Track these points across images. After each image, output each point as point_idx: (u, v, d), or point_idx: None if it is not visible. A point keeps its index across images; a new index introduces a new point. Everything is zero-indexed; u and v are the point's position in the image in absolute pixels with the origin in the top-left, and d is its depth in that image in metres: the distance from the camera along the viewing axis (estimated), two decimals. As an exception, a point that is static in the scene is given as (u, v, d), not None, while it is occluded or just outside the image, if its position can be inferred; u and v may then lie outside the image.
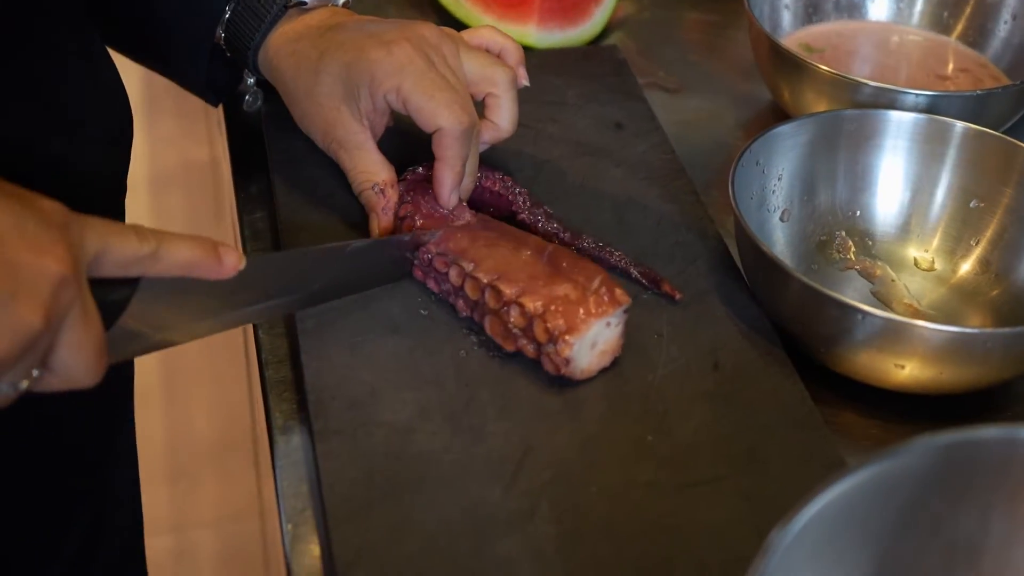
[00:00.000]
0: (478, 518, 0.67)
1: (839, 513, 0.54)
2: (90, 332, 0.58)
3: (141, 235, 0.60)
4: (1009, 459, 0.55)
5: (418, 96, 0.78)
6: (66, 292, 0.55)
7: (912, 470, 0.55)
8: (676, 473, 0.70)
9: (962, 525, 0.58)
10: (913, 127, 0.85)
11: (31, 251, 0.54)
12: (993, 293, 0.83)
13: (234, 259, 0.63)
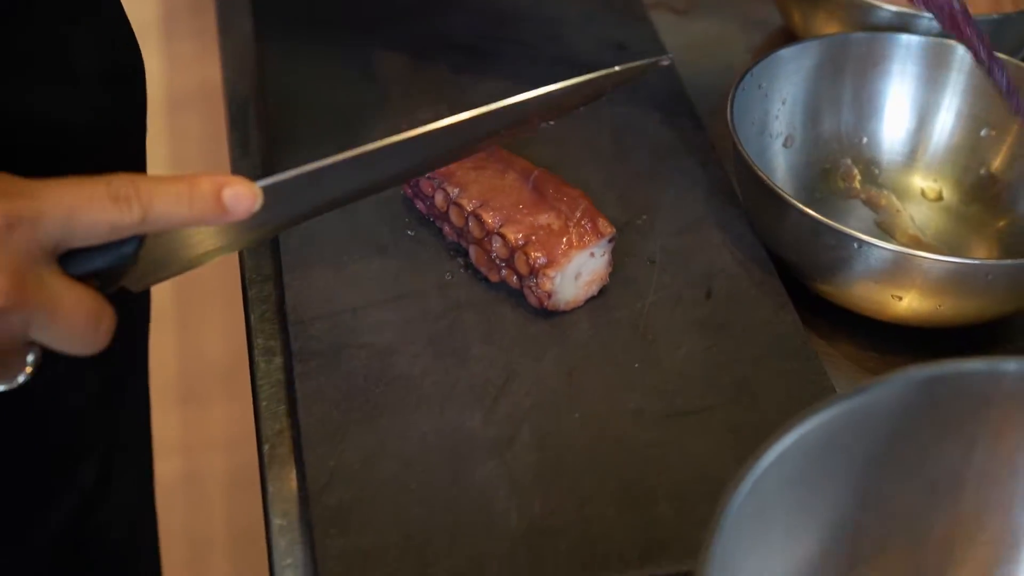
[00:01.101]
0: (457, 442, 0.65)
1: (821, 442, 0.52)
2: (64, 320, 0.53)
3: (120, 202, 0.52)
4: (992, 393, 0.53)
5: None
6: (7, 319, 0.51)
7: (896, 402, 0.53)
8: (663, 402, 0.68)
9: (945, 461, 0.56)
10: (922, 51, 0.82)
11: None
12: (1000, 224, 0.80)
13: (244, 204, 0.54)
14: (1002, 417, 0.54)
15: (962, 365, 0.53)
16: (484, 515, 0.62)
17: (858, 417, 0.53)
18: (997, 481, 0.56)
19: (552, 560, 0.60)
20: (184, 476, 2.06)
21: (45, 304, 0.51)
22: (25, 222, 0.50)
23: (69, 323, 0.52)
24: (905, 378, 0.53)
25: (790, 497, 0.53)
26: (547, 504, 0.63)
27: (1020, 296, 0.71)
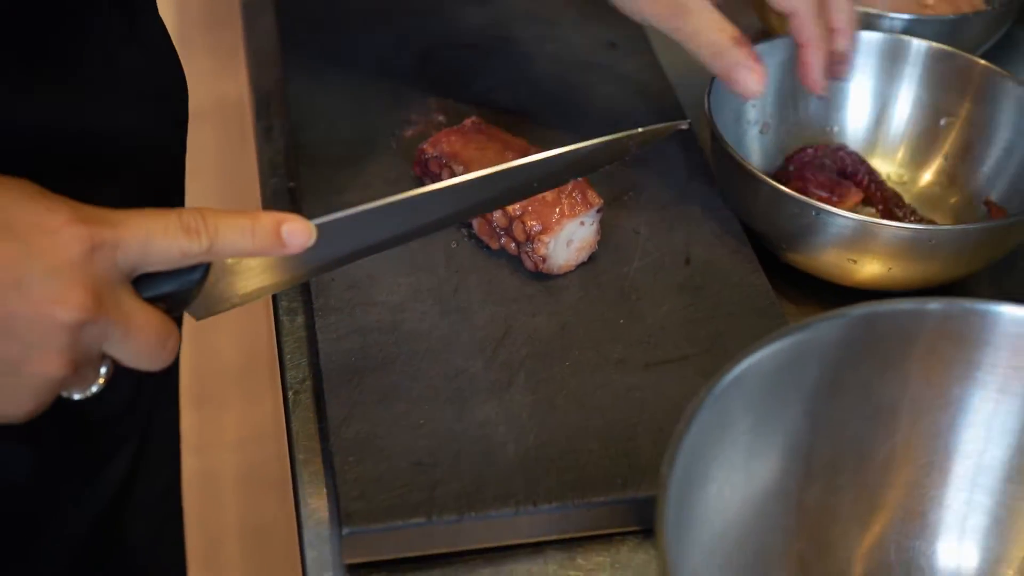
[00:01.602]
0: (460, 386, 0.73)
1: (773, 369, 0.60)
2: (137, 337, 0.58)
3: (191, 232, 0.58)
4: (920, 330, 0.61)
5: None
6: (88, 330, 0.56)
7: (837, 336, 0.61)
8: (644, 352, 0.76)
9: (886, 391, 0.64)
10: (879, 46, 0.90)
11: (35, 306, 0.54)
12: (952, 201, 0.88)
13: (300, 240, 0.60)
14: (931, 352, 0.63)
15: (892, 304, 0.62)
16: (484, 446, 0.70)
17: (804, 348, 0.61)
18: (931, 410, 0.65)
19: (544, 483, 0.68)
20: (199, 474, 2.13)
21: (120, 321, 0.57)
22: (107, 246, 0.56)
23: (140, 340, 0.58)
24: (844, 315, 0.61)
25: (750, 417, 0.61)
26: (540, 438, 0.71)
27: (963, 261, 0.79)
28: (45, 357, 0.55)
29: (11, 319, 0.54)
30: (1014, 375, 0.61)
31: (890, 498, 0.65)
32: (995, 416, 0.62)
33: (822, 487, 0.65)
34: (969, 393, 0.63)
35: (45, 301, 0.54)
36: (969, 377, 0.62)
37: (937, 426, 0.64)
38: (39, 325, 0.54)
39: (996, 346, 0.61)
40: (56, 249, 0.55)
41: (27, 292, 0.54)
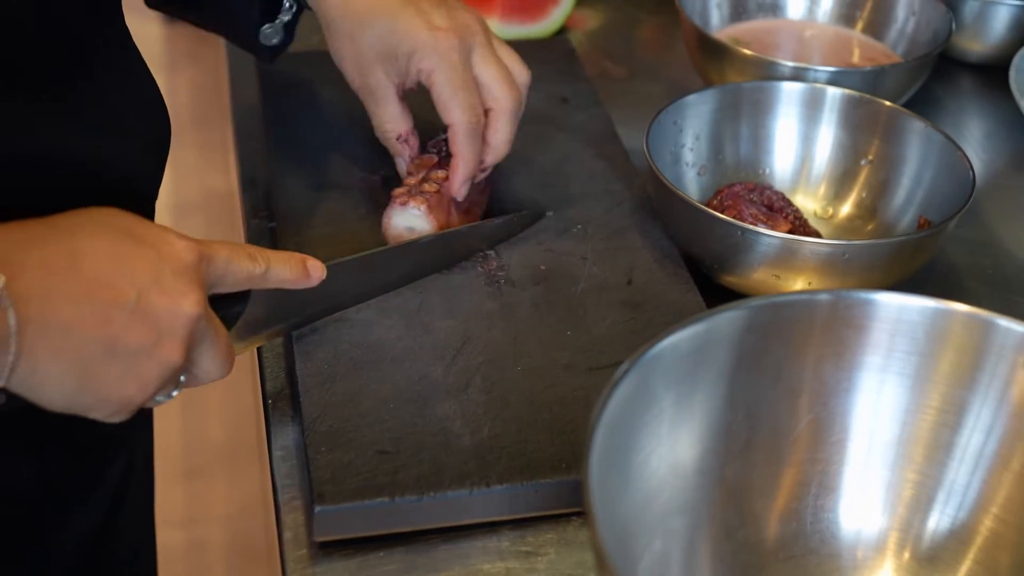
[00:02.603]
0: (422, 388, 0.82)
1: (691, 350, 0.69)
2: (220, 345, 0.70)
3: (253, 257, 0.73)
4: (815, 318, 0.70)
5: (442, 88, 0.89)
6: (199, 326, 0.67)
7: (746, 323, 0.70)
8: (589, 358, 0.85)
9: (798, 374, 0.72)
10: (801, 95, 1.01)
11: (167, 300, 0.65)
12: (869, 228, 0.98)
13: (319, 273, 0.78)
14: (827, 338, 0.71)
15: (788, 295, 0.71)
16: (442, 437, 0.78)
17: (716, 333, 0.69)
18: (838, 392, 0.73)
19: (496, 467, 0.76)
20: (187, 547, 2.18)
21: (214, 324, 0.69)
22: (205, 259, 0.69)
23: (220, 347, 0.70)
24: (747, 305, 0.70)
25: (671, 394, 0.69)
26: (493, 430, 0.79)
27: (877, 275, 0.88)
28: (171, 344, 0.65)
29: (151, 309, 0.64)
30: (895, 356, 0.70)
31: (803, 473, 0.73)
32: (881, 395, 0.71)
33: (742, 462, 0.72)
34: (861, 374, 0.71)
35: (176, 295, 0.65)
36: (859, 360, 0.70)
37: (842, 406, 0.72)
38: (170, 315, 0.65)
39: (878, 330, 0.69)
40: (179, 255, 0.66)
41: (163, 287, 0.65)
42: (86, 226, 0.65)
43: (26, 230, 0.64)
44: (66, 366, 0.63)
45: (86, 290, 0.62)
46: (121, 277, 0.64)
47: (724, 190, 0.97)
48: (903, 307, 0.69)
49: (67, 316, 0.62)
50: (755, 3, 1.22)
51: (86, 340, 0.62)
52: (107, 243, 0.64)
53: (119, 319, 0.63)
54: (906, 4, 1.17)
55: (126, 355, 0.64)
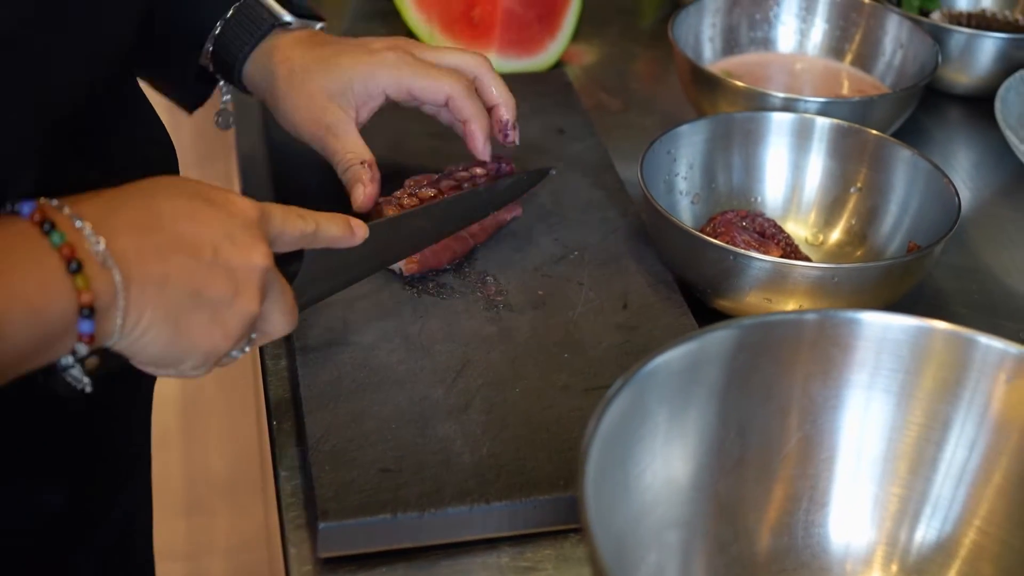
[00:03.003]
0: (424, 408, 0.84)
1: (683, 368, 0.71)
2: (286, 298, 0.75)
3: (304, 218, 0.77)
4: (803, 338, 0.72)
5: (420, 79, 0.95)
6: (269, 277, 0.72)
7: (736, 342, 0.72)
8: (585, 380, 0.87)
9: (788, 392, 0.74)
10: (791, 125, 1.03)
11: (241, 253, 0.69)
12: (858, 253, 1.00)
13: (361, 231, 0.82)
14: (815, 356, 0.73)
15: (777, 314, 0.73)
16: (443, 456, 0.80)
17: (708, 351, 0.72)
18: (826, 409, 0.75)
19: (495, 485, 0.79)
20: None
21: (279, 277, 0.73)
22: (265, 215, 0.73)
23: (287, 299, 0.75)
24: (737, 324, 0.72)
25: (665, 410, 0.71)
26: (492, 449, 0.81)
27: (866, 297, 0.90)
28: (248, 293, 0.70)
29: (229, 262, 0.69)
30: (881, 373, 0.72)
31: (794, 488, 0.75)
32: (868, 412, 0.73)
33: (734, 478, 0.75)
34: (849, 392, 0.73)
35: (247, 248, 0.70)
36: (847, 377, 0.73)
37: (831, 424, 0.75)
38: (245, 266, 0.69)
39: (864, 348, 0.72)
40: (243, 212, 0.71)
41: (236, 242, 0.69)
42: (161, 189, 0.70)
43: (108, 197, 0.67)
44: (163, 317, 0.66)
45: (172, 245, 0.67)
46: (199, 233, 0.68)
47: (717, 217, 0.99)
48: (887, 326, 0.71)
49: (159, 270, 0.66)
50: (747, 37, 1.25)
51: (177, 291, 0.67)
52: (182, 202, 0.69)
53: (202, 271, 0.68)
54: (894, 37, 1.20)
55: (211, 304, 0.68)
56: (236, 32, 0.97)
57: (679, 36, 1.18)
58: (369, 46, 0.97)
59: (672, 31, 1.16)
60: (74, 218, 0.64)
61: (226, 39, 0.98)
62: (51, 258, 0.62)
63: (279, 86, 0.97)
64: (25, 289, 0.61)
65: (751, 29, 1.25)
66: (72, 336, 0.63)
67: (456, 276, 0.96)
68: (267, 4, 0.98)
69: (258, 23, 0.97)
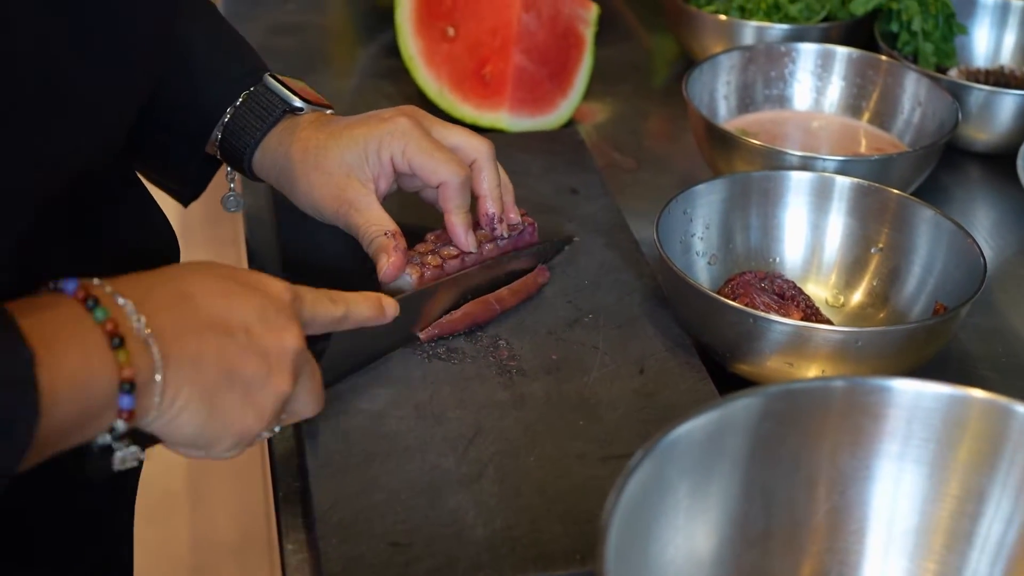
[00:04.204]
0: (434, 478, 0.81)
1: (706, 438, 0.68)
2: (315, 379, 0.75)
3: (334, 300, 0.78)
4: (830, 406, 0.70)
5: (421, 156, 0.93)
6: (301, 358, 0.72)
7: (761, 410, 0.69)
8: (602, 448, 0.84)
9: (816, 462, 0.72)
10: (810, 185, 1.01)
11: (275, 334, 0.70)
12: (880, 316, 0.97)
13: (392, 310, 0.83)
14: (844, 425, 0.70)
15: (803, 381, 0.70)
16: (455, 529, 0.77)
17: (731, 420, 0.69)
18: (856, 480, 0.72)
19: (510, 559, 0.75)
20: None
21: (310, 360, 0.74)
22: (298, 299, 0.74)
23: (316, 381, 0.75)
24: (762, 392, 0.70)
25: (687, 483, 0.69)
26: (506, 521, 0.78)
27: (890, 362, 0.87)
28: (281, 374, 0.70)
29: (261, 343, 0.69)
30: (913, 443, 0.69)
31: (822, 563, 0.72)
32: (899, 483, 0.70)
33: (759, 551, 0.72)
34: (879, 462, 0.70)
35: (281, 330, 0.71)
36: (877, 447, 0.70)
37: (860, 494, 0.72)
38: (277, 348, 0.70)
39: (895, 417, 0.69)
40: (278, 295, 0.72)
41: (268, 323, 0.70)
42: (194, 271, 0.71)
43: (143, 277, 0.68)
44: (199, 395, 0.67)
45: (205, 324, 0.67)
46: (231, 313, 0.69)
47: (735, 279, 0.97)
48: (919, 394, 0.69)
49: (194, 349, 0.66)
50: (762, 95, 1.23)
51: (212, 370, 0.67)
52: (216, 283, 0.70)
53: (235, 351, 0.68)
54: (912, 95, 1.18)
55: (244, 384, 0.68)
56: (247, 119, 0.96)
57: (693, 94, 1.16)
58: (382, 115, 0.95)
59: (686, 89, 1.14)
60: (116, 295, 0.65)
61: (236, 126, 0.96)
62: (94, 334, 0.63)
63: (295, 168, 0.95)
64: (69, 363, 0.61)
65: (766, 87, 1.23)
66: (112, 412, 0.64)
67: (468, 340, 0.93)
68: (278, 91, 0.97)
69: (269, 110, 0.96)
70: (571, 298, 0.98)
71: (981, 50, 1.34)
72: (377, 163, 0.94)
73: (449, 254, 0.95)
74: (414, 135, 0.93)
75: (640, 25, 1.53)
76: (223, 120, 0.96)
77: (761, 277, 0.98)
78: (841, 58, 1.22)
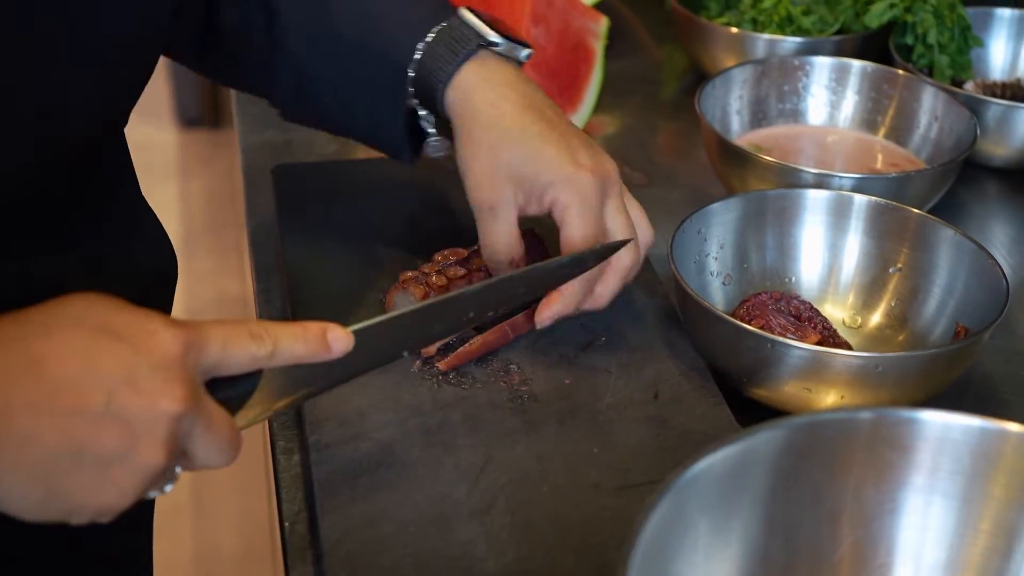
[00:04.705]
0: (444, 509, 0.79)
1: (726, 473, 0.66)
2: (216, 433, 0.64)
3: (257, 338, 0.66)
4: (856, 438, 0.67)
5: (576, 228, 0.87)
6: (183, 422, 0.62)
7: (783, 442, 0.67)
8: (616, 477, 0.82)
9: (839, 495, 0.69)
10: (827, 203, 0.99)
11: (144, 398, 0.60)
12: (900, 339, 0.95)
13: (342, 345, 0.70)
14: (869, 458, 0.68)
15: (829, 413, 0.68)
16: (466, 562, 0.75)
17: (752, 454, 0.67)
18: (879, 514, 0.70)
19: (523, 594, 0.73)
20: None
21: (205, 416, 0.64)
22: (195, 347, 0.63)
23: (218, 436, 0.65)
24: (786, 424, 0.67)
25: (707, 519, 0.66)
26: (519, 553, 0.76)
27: (911, 387, 0.85)
28: (151, 446, 0.61)
29: (125, 410, 0.60)
30: (941, 477, 0.67)
31: (845, 599, 0.70)
32: (927, 517, 0.67)
33: (780, 589, 0.69)
34: (906, 496, 0.68)
35: (153, 393, 0.61)
36: (904, 481, 0.68)
37: (886, 529, 0.69)
38: (147, 416, 0.60)
39: (924, 450, 0.67)
40: (158, 348, 0.62)
41: (138, 386, 0.60)
42: (56, 324, 0.62)
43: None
44: (29, 477, 0.60)
45: (47, 396, 0.59)
46: (89, 378, 0.60)
47: (750, 299, 0.94)
48: (948, 425, 0.66)
49: (26, 426, 0.59)
50: (776, 109, 1.21)
51: (47, 450, 0.59)
52: (76, 341, 0.61)
53: (85, 425, 0.60)
54: (929, 109, 1.16)
55: (97, 463, 0.60)
56: (439, 52, 0.90)
57: (706, 109, 1.14)
58: (579, 156, 0.88)
59: (699, 104, 1.12)
60: None
61: (428, 62, 0.91)
62: None
63: (474, 132, 0.89)
64: None
65: (780, 101, 1.21)
66: None
67: (479, 364, 0.91)
68: (473, 24, 0.91)
69: (463, 43, 0.90)
70: (583, 319, 0.96)
71: (997, 63, 1.32)
72: (536, 192, 0.88)
73: (455, 274, 0.93)
74: (585, 202, 0.87)
75: (650, 37, 1.51)
76: (415, 58, 0.91)
77: (777, 298, 0.95)
78: (856, 72, 1.20)
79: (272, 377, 0.69)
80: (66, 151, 0.76)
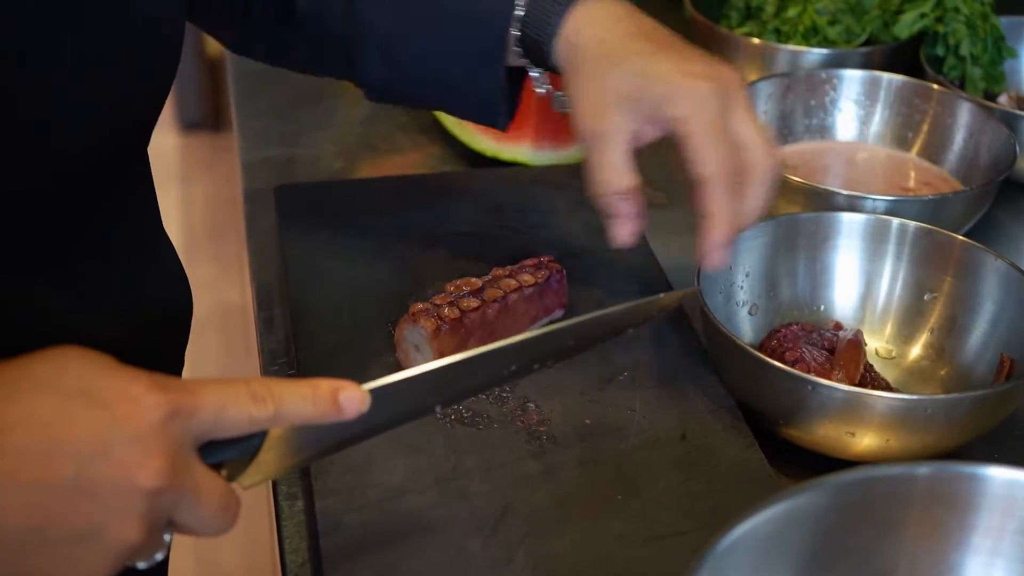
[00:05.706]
0: (459, 563, 0.73)
1: (768, 535, 0.61)
2: (205, 505, 0.59)
3: (257, 400, 0.60)
4: (913, 494, 0.62)
5: (699, 138, 0.80)
6: (164, 497, 0.57)
7: (831, 500, 0.62)
8: (643, 527, 0.76)
9: (888, 556, 0.64)
10: (863, 227, 0.93)
11: (118, 470, 0.56)
12: (942, 373, 0.90)
13: (355, 406, 0.62)
14: (925, 516, 0.63)
15: (883, 468, 0.62)
16: (484, 624, 0.70)
17: (797, 514, 0.61)
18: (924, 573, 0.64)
19: (545, 660, 0.68)
20: None
21: (192, 488, 0.58)
22: (183, 413, 0.58)
23: (208, 507, 0.60)
24: (837, 480, 0.62)
25: (748, 584, 0.61)
26: (540, 613, 0.70)
27: (958, 429, 0.80)
28: (125, 523, 0.56)
29: (96, 484, 0.55)
30: (1006, 538, 0.61)
31: (895, 668, 0.65)
32: (991, 580, 0.62)
33: (825, 658, 0.64)
34: (965, 558, 0.63)
35: (128, 467, 0.56)
36: (964, 541, 0.62)
37: (937, 592, 0.64)
38: (122, 490, 0.56)
39: (987, 508, 0.61)
40: (138, 415, 0.56)
41: (112, 458, 0.55)
42: (27, 387, 0.57)
43: None
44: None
45: (11, 469, 0.54)
46: (58, 449, 0.55)
47: (781, 331, 0.89)
48: (1015, 482, 0.61)
49: None
50: (802, 124, 1.16)
51: (11, 527, 0.55)
52: (46, 407, 0.56)
53: (51, 501, 0.55)
54: (964, 125, 1.10)
55: (64, 541, 0.56)
56: (543, 6, 0.85)
57: (729, 125, 1.08)
58: (691, 66, 0.82)
59: (723, 121, 1.06)
60: None
61: (533, 16, 0.86)
62: None
63: (582, 67, 0.84)
64: None
65: (807, 116, 1.15)
66: None
67: (494, 402, 0.86)
68: None
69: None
70: (604, 354, 0.90)
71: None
72: (651, 111, 0.82)
73: (468, 306, 0.88)
74: (705, 110, 0.80)
75: (666, 47, 1.45)
76: (517, 15, 0.86)
77: (808, 330, 0.90)
78: (887, 86, 1.15)
79: (280, 436, 0.63)
80: (72, 168, 0.71)
